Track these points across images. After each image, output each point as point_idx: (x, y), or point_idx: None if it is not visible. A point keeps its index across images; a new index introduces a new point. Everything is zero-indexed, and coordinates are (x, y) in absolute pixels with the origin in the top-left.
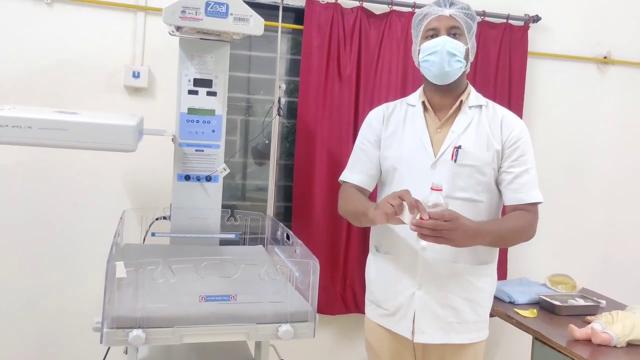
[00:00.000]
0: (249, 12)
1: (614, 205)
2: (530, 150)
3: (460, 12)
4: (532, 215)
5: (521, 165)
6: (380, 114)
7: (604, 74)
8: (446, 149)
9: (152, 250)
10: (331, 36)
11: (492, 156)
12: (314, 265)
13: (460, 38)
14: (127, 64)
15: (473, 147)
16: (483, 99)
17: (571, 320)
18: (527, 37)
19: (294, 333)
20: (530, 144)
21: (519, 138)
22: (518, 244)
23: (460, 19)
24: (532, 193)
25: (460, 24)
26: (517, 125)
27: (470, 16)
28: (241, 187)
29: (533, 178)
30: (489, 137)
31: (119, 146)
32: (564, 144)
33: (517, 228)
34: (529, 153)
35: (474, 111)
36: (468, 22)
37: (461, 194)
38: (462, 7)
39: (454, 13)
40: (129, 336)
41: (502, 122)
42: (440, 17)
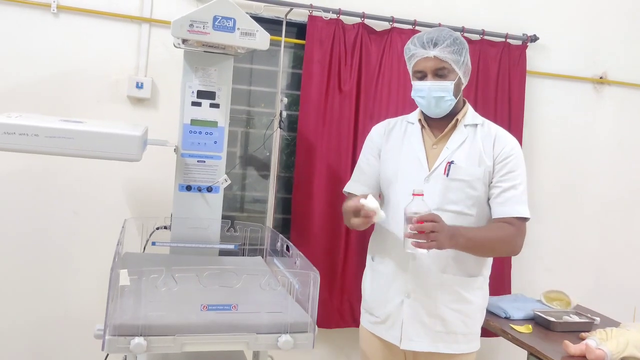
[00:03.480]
0: (255, 27)
1: (608, 223)
2: (521, 167)
3: (445, 50)
4: (514, 229)
5: (509, 181)
6: (381, 129)
7: (600, 93)
8: (440, 163)
9: (152, 259)
10: (332, 51)
11: (483, 172)
12: (314, 277)
13: (448, 76)
14: (130, 75)
15: (465, 163)
16: (480, 118)
17: (566, 336)
18: (525, 55)
19: (293, 344)
20: (521, 162)
21: (509, 155)
22: (499, 255)
23: (447, 58)
24: (517, 207)
25: (447, 62)
26: (509, 143)
27: (457, 50)
28: (240, 199)
29: (520, 194)
30: (481, 153)
31: (124, 156)
32: (560, 162)
33: (495, 238)
34: (518, 170)
35: (469, 129)
36: (455, 57)
37: (452, 206)
38: (447, 44)
39: (438, 54)
40: (131, 344)
41: (495, 139)
42: (426, 58)
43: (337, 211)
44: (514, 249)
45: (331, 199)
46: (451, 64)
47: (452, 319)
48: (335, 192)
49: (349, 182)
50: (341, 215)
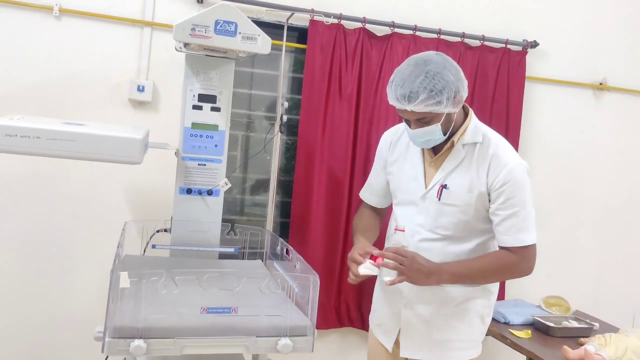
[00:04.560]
0: (257, 31)
1: (608, 229)
2: (521, 192)
3: (421, 105)
4: (517, 257)
5: (508, 209)
6: (389, 139)
7: (600, 100)
8: (434, 185)
9: (152, 262)
10: (333, 56)
11: (474, 198)
12: (314, 281)
13: (432, 120)
14: (132, 78)
15: (457, 188)
16: (480, 135)
17: (565, 341)
18: (525, 62)
19: (293, 347)
20: (520, 186)
21: (505, 182)
22: (501, 281)
23: (424, 110)
24: (518, 236)
25: (427, 112)
26: (505, 168)
27: (436, 98)
28: (240, 202)
29: (521, 221)
30: (473, 179)
31: (125, 158)
32: (559, 168)
33: (490, 268)
34: (518, 196)
35: (467, 149)
36: (434, 107)
37: (443, 231)
38: (421, 99)
39: (414, 109)
40: (130, 346)
41: (489, 165)
42: (404, 110)
43: (336, 215)
44: (519, 274)
45: (330, 203)
46: (433, 111)
47: (448, 327)
48: (334, 197)
49: (363, 187)
50: (339, 218)
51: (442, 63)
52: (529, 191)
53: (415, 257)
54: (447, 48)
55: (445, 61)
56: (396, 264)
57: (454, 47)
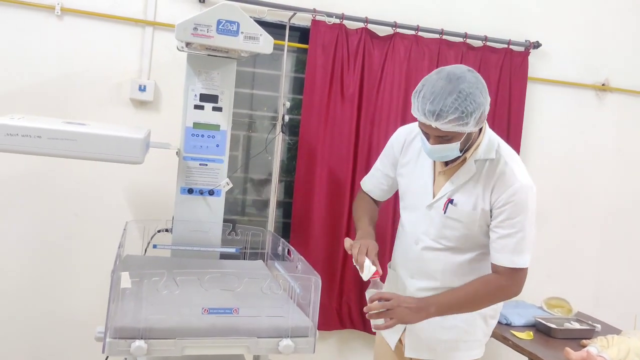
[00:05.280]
0: (259, 31)
1: (609, 230)
2: (521, 214)
3: (449, 125)
4: (505, 279)
5: (506, 228)
6: (402, 139)
7: (602, 101)
8: (442, 197)
9: (153, 262)
10: (335, 56)
11: (479, 214)
12: (315, 281)
13: (453, 139)
14: (133, 77)
15: (464, 205)
16: (493, 151)
17: (567, 343)
18: (527, 62)
19: (294, 348)
20: (522, 207)
21: (507, 202)
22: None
23: (450, 129)
24: (510, 257)
25: (450, 132)
26: (510, 188)
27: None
28: (242, 202)
29: (516, 243)
30: (479, 196)
31: (126, 158)
32: (560, 168)
33: (478, 295)
34: (517, 217)
35: (479, 165)
36: (460, 128)
37: (446, 242)
38: (450, 120)
39: (440, 127)
40: (131, 347)
41: (496, 183)
42: (428, 126)
43: (338, 216)
44: (507, 297)
45: (332, 204)
46: (456, 132)
47: (451, 327)
48: (336, 197)
49: (366, 177)
50: (341, 219)
51: (475, 83)
52: (531, 214)
53: (400, 297)
54: (449, 48)
55: (477, 81)
56: (383, 310)
57: (456, 47)
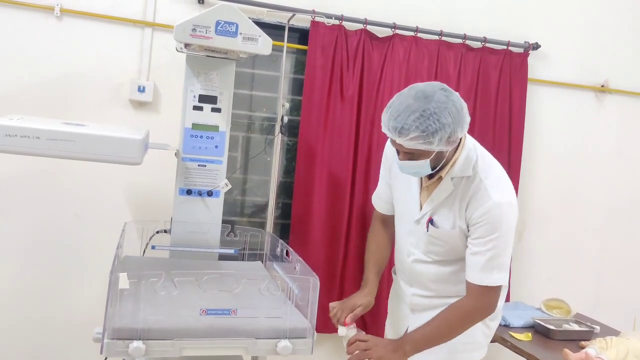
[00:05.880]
0: (258, 32)
1: (609, 232)
2: (495, 232)
3: (411, 142)
4: (474, 299)
5: (478, 246)
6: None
7: (602, 102)
8: (424, 215)
9: (152, 263)
10: (334, 57)
11: (457, 232)
12: (313, 282)
13: (421, 156)
14: (133, 78)
15: (443, 224)
16: (470, 168)
17: (565, 344)
18: (526, 63)
19: (292, 349)
20: (494, 226)
21: (479, 220)
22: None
23: (414, 146)
24: (480, 275)
25: (416, 149)
26: (482, 207)
27: (428, 139)
28: (241, 203)
29: (486, 261)
30: (456, 214)
31: (125, 159)
32: (560, 170)
33: (449, 325)
34: (490, 235)
35: (456, 182)
36: (425, 146)
37: (434, 256)
38: (412, 137)
39: (403, 144)
40: (129, 347)
41: (469, 201)
42: (394, 141)
43: (338, 217)
44: (480, 317)
45: (331, 205)
46: (423, 149)
47: None
48: (336, 198)
49: (375, 192)
50: (341, 221)
51: (444, 102)
52: (506, 232)
53: (375, 339)
54: (449, 49)
55: (447, 100)
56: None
57: (455, 48)
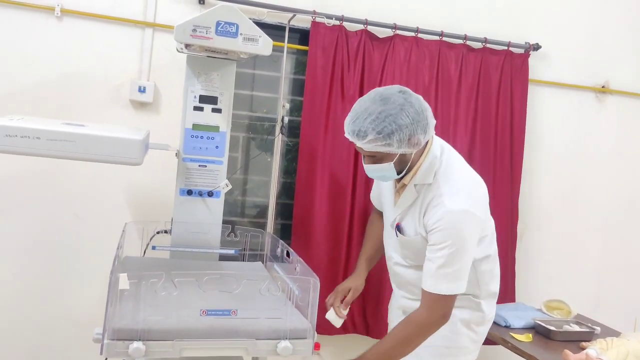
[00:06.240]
0: (258, 32)
1: (609, 233)
2: (447, 240)
3: (369, 145)
4: (424, 308)
5: (430, 252)
6: None
7: (602, 103)
8: (394, 219)
9: (152, 264)
10: (335, 58)
11: (420, 239)
12: (314, 283)
13: (384, 159)
14: (133, 79)
15: (408, 230)
16: (432, 176)
17: (566, 345)
18: (527, 64)
19: (292, 349)
20: (449, 234)
21: (433, 227)
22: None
23: (373, 149)
24: (429, 281)
25: (375, 151)
26: (436, 214)
27: (385, 141)
28: (241, 204)
29: (437, 268)
30: (417, 222)
31: (125, 159)
32: (561, 171)
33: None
34: (442, 243)
35: (419, 189)
36: (384, 148)
37: (410, 261)
38: (369, 140)
39: (363, 147)
40: (129, 348)
41: (427, 208)
42: (355, 144)
43: (339, 218)
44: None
45: (333, 206)
46: (383, 151)
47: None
48: (337, 199)
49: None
50: (342, 222)
51: (401, 104)
52: (458, 241)
53: None
54: (449, 50)
55: (405, 102)
56: None
57: (456, 48)
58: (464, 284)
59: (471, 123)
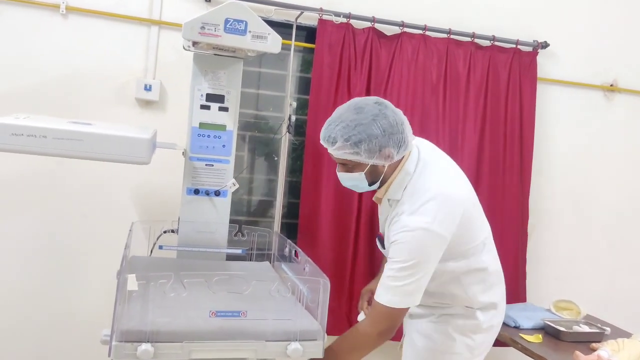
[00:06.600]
0: (267, 30)
1: (618, 232)
2: (400, 255)
3: (340, 151)
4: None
5: (388, 262)
6: None
7: (611, 101)
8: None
9: (159, 263)
10: (342, 55)
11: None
12: (324, 284)
13: (354, 168)
14: (139, 77)
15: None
16: (401, 192)
17: (576, 346)
18: (535, 62)
19: (303, 352)
20: (401, 250)
21: (392, 241)
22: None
23: (343, 156)
24: (379, 290)
25: (346, 159)
26: (393, 230)
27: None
28: (247, 203)
29: (385, 278)
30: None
31: (133, 159)
32: (570, 170)
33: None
34: (395, 257)
35: (392, 204)
36: (354, 157)
37: None
38: (338, 146)
39: (333, 153)
40: (138, 350)
41: (392, 223)
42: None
43: (346, 218)
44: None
45: (339, 205)
46: (355, 159)
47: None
48: (343, 197)
49: None
50: (349, 221)
51: (375, 115)
52: (411, 257)
53: None
54: (457, 47)
55: (379, 113)
56: None
57: (464, 46)
58: (413, 299)
59: (480, 122)
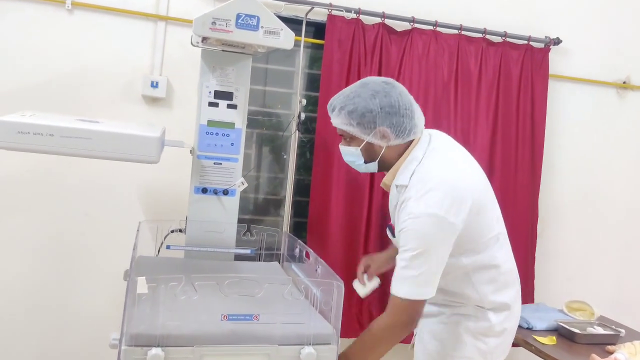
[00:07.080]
0: (280, 25)
1: (631, 231)
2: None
3: (337, 119)
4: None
5: (398, 254)
6: None
7: (624, 99)
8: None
9: (166, 263)
10: (352, 51)
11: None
12: (338, 287)
13: (352, 142)
14: (145, 74)
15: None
16: (408, 178)
17: (591, 348)
18: (547, 59)
19: (316, 356)
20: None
21: (400, 229)
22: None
23: (340, 125)
24: (393, 283)
25: (342, 130)
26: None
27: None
28: (255, 202)
29: (399, 269)
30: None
31: (142, 157)
32: (582, 168)
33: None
34: (405, 246)
35: (399, 190)
36: (349, 128)
37: None
38: (336, 113)
39: (334, 122)
40: (148, 354)
41: (400, 209)
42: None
43: (357, 217)
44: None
45: (350, 203)
46: (353, 133)
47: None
48: (354, 196)
49: None
50: (360, 221)
51: (376, 91)
52: (420, 245)
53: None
54: (469, 44)
55: (381, 90)
56: None
57: (475, 42)
58: (430, 290)
59: (492, 119)
